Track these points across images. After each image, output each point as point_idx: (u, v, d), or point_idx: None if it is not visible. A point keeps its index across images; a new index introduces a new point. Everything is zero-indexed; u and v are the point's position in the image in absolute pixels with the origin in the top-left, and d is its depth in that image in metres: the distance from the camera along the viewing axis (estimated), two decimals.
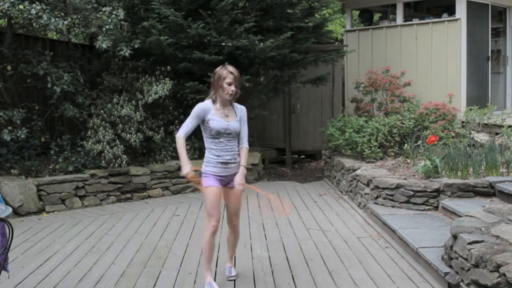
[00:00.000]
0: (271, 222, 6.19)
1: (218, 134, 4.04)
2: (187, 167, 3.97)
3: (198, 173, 4.16)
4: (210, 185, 4.07)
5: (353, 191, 7.10)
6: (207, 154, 4.12)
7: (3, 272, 3.64)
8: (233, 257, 4.50)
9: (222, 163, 4.07)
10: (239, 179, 4.07)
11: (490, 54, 9.79)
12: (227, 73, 4.02)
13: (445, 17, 9.38)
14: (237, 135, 4.12)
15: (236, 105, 4.18)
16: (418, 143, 7.32)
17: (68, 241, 5.56)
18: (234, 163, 4.10)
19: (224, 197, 4.21)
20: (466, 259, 3.72)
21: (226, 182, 4.14)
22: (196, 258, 4.93)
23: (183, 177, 7.96)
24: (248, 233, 5.72)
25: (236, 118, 4.11)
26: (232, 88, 4.02)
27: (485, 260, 3.47)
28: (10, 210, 3.53)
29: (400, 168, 6.88)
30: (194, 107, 4.14)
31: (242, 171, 4.09)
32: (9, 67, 7.17)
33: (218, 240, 5.10)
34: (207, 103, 4.10)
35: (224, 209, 4.45)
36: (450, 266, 4.04)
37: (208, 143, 4.11)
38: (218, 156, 4.06)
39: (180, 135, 4.05)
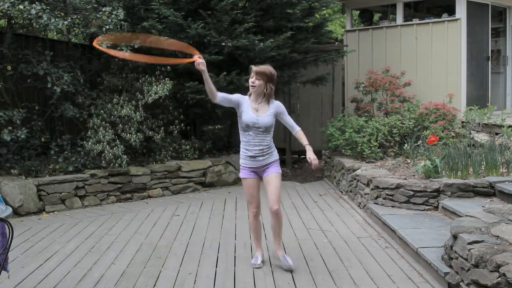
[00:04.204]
0: None
1: (247, 127, 4.43)
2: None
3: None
4: (244, 177, 4.57)
5: (353, 191, 7.10)
6: (240, 148, 4.56)
7: (3, 272, 3.64)
8: (281, 243, 4.72)
9: (250, 156, 4.48)
10: (311, 155, 4.40)
11: (490, 54, 9.79)
12: (252, 68, 4.44)
13: (445, 17, 9.38)
14: (266, 130, 4.43)
15: (273, 101, 4.52)
16: (418, 143, 7.32)
17: (68, 241, 5.56)
18: (262, 156, 4.47)
19: (264, 186, 4.54)
20: (466, 259, 3.72)
21: (260, 172, 4.54)
22: (196, 258, 4.93)
23: (183, 177, 8.04)
24: (248, 233, 5.71)
25: (268, 113, 4.43)
26: (252, 80, 4.40)
27: (485, 260, 3.47)
28: (10, 210, 3.53)
29: (400, 168, 6.88)
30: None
31: (309, 149, 4.45)
32: (9, 67, 7.17)
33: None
34: (245, 96, 4.51)
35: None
36: (450, 266, 4.04)
37: (240, 136, 4.51)
38: (247, 150, 4.48)
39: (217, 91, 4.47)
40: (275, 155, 4.56)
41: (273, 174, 4.50)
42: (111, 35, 4.65)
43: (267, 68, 4.44)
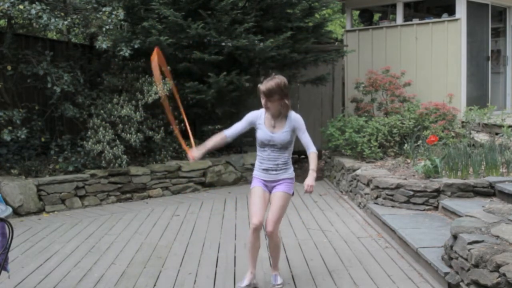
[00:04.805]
0: None
1: (263, 144, 4.11)
2: (197, 152, 4.07)
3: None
4: (254, 186, 4.18)
5: (353, 191, 7.10)
6: (256, 159, 4.23)
7: (3, 272, 3.64)
8: (277, 265, 4.27)
9: (263, 169, 4.15)
10: (309, 181, 4.00)
11: (490, 54, 9.79)
12: (260, 89, 4.01)
13: (445, 17, 9.38)
14: (283, 147, 4.10)
15: (291, 115, 4.11)
16: (418, 143, 7.32)
17: (68, 241, 5.56)
18: (275, 170, 4.12)
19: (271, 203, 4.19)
20: (466, 259, 3.72)
21: (270, 187, 4.18)
22: (196, 258, 4.93)
23: (183, 177, 8.04)
24: (248, 232, 5.71)
25: (284, 129, 4.06)
26: (263, 102, 4.02)
27: (485, 260, 3.47)
28: (10, 210, 3.53)
29: (400, 168, 6.88)
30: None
31: (311, 175, 4.03)
32: (9, 67, 7.17)
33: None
34: (260, 111, 4.16)
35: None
36: (450, 266, 4.04)
37: (257, 150, 4.21)
38: (261, 163, 4.16)
39: (222, 132, 4.18)
40: (290, 173, 4.18)
41: (280, 193, 4.11)
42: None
43: (275, 83, 3.96)
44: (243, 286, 4.14)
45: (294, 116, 4.12)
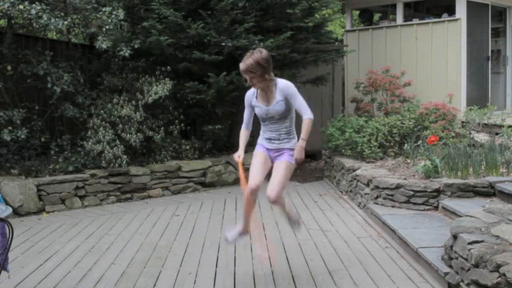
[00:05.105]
0: (271, 222, 6.19)
1: (262, 119, 4.22)
2: (240, 151, 4.25)
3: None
4: (257, 151, 4.29)
5: (353, 191, 7.10)
6: (260, 130, 4.35)
7: (3, 272, 3.64)
8: (291, 211, 4.51)
9: (265, 138, 4.27)
10: (295, 154, 4.04)
11: (490, 54, 9.79)
12: (240, 68, 4.08)
13: (445, 17, 9.39)
14: (282, 117, 4.14)
15: (280, 84, 4.11)
16: (418, 143, 7.32)
17: (68, 241, 5.56)
18: (278, 140, 4.21)
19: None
20: (466, 259, 3.72)
21: (273, 157, 4.26)
22: (196, 258, 4.93)
23: (183, 177, 8.04)
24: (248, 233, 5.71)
25: (276, 100, 4.09)
26: (248, 79, 4.08)
27: (485, 260, 3.47)
28: (10, 210, 3.53)
29: (400, 168, 6.88)
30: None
31: (299, 144, 4.01)
32: (9, 67, 7.17)
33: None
34: (250, 90, 4.27)
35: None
36: (450, 266, 4.04)
37: (260, 123, 4.32)
38: (264, 133, 4.29)
39: (241, 128, 4.38)
40: (293, 143, 4.16)
41: (282, 162, 4.13)
42: None
43: (254, 60, 3.96)
44: (230, 240, 4.43)
45: (283, 85, 4.11)
